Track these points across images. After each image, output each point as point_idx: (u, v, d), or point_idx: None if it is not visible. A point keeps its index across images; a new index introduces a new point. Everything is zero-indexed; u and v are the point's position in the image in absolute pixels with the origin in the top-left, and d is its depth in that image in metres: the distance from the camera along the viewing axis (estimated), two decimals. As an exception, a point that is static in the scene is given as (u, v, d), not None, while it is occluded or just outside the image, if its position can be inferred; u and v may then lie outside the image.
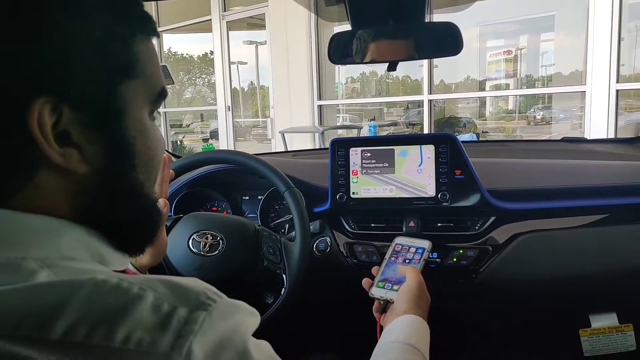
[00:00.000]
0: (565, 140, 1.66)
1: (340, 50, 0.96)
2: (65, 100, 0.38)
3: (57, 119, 0.38)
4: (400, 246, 1.01)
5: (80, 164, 0.40)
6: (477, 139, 5.99)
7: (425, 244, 1.00)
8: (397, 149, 1.17)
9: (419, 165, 1.16)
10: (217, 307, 0.37)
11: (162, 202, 0.79)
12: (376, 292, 0.93)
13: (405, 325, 0.80)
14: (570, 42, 6.29)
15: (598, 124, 4.27)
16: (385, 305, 0.90)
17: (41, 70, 0.37)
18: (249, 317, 0.41)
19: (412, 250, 1.00)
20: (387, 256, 1.00)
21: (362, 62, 0.95)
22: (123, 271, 0.49)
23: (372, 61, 0.96)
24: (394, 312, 0.85)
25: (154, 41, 0.46)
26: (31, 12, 0.36)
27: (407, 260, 0.98)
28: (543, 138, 6.78)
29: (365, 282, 0.96)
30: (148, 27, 0.45)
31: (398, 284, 0.91)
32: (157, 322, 0.34)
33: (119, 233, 0.45)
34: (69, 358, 0.32)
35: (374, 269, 0.98)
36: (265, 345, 0.43)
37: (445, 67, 6.63)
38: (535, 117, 7.71)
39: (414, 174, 1.16)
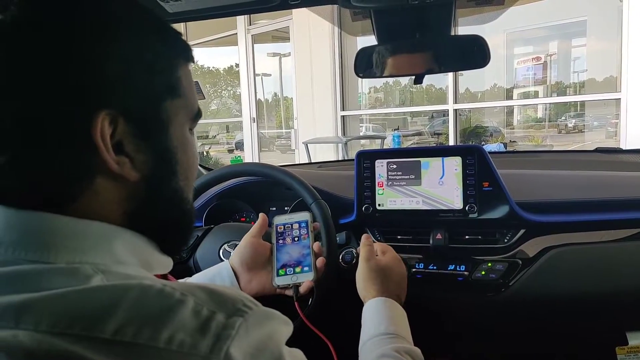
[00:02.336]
0: (599, 150, 1.62)
1: (366, 65, 0.97)
2: (121, 113, 0.42)
3: (114, 130, 0.42)
4: (282, 226, 0.96)
5: (131, 171, 0.44)
6: (504, 149, 5.90)
7: (305, 215, 0.96)
8: (423, 161, 1.17)
9: (440, 178, 1.15)
10: (252, 314, 0.39)
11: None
12: (281, 281, 0.88)
13: (372, 314, 0.80)
14: (604, 47, 6.15)
15: (634, 132, 4.14)
16: (297, 290, 0.87)
17: (104, 86, 0.41)
18: (282, 325, 0.44)
19: (296, 226, 0.96)
20: (273, 241, 0.95)
21: (388, 76, 0.96)
22: (165, 277, 0.52)
23: (398, 75, 0.97)
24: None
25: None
26: (97, 38, 0.41)
27: (296, 238, 0.94)
28: (575, 147, 6.63)
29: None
30: (187, 54, 0.50)
31: (299, 264, 0.89)
32: (197, 326, 0.37)
33: (162, 235, 0.49)
34: (117, 355, 0.34)
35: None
36: (298, 353, 0.45)
37: (471, 76, 6.57)
38: (566, 125, 7.54)
39: (436, 187, 1.16)
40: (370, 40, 1.02)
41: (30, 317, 0.35)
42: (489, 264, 1.09)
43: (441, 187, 1.16)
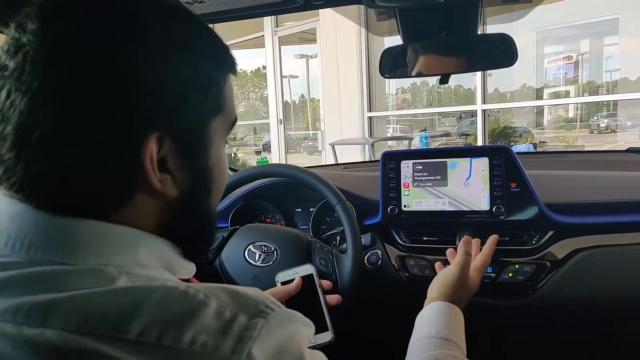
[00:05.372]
0: (631, 150, 1.58)
1: (392, 65, 0.97)
2: (168, 133, 0.42)
3: (159, 149, 0.42)
4: (287, 283, 0.93)
5: (172, 189, 0.44)
6: (534, 149, 5.77)
7: (309, 268, 0.94)
8: (449, 162, 1.16)
9: (467, 179, 1.14)
10: (274, 315, 0.40)
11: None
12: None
13: (435, 315, 0.79)
14: (637, 46, 5.97)
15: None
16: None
17: (159, 109, 0.41)
18: (304, 327, 0.44)
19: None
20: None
21: (413, 76, 0.96)
22: (187, 280, 0.53)
23: (424, 75, 0.96)
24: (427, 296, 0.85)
25: None
26: (157, 62, 0.41)
27: (304, 294, 0.92)
28: (607, 148, 6.45)
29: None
30: (234, 69, 0.50)
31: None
32: (219, 328, 0.37)
33: (188, 244, 0.49)
34: (142, 356, 0.35)
35: None
36: (319, 355, 0.46)
37: (500, 76, 6.47)
38: (598, 125, 7.36)
39: (462, 188, 1.14)
40: (397, 40, 1.02)
41: (57, 317, 0.36)
42: (517, 266, 1.07)
43: (467, 188, 1.14)
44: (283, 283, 0.94)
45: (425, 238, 1.19)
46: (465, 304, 0.85)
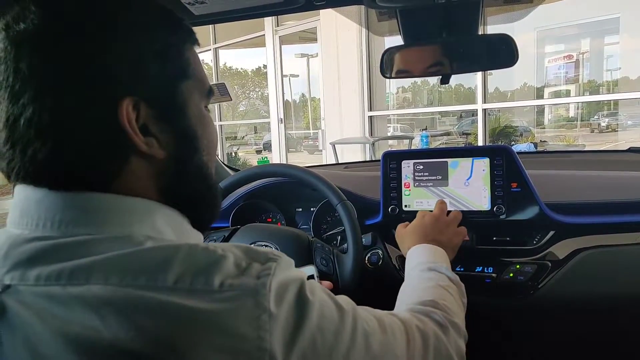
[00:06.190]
0: (632, 150, 1.58)
1: (393, 65, 0.97)
2: (142, 99, 0.47)
3: (138, 115, 0.47)
4: None
5: (159, 150, 0.49)
6: (534, 149, 5.77)
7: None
8: (450, 162, 1.16)
9: (468, 179, 1.14)
10: (281, 260, 0.48)
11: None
12: None
13: (413, 256, 0.94)
14: (638, 45, 5.97)
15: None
16: None
17: (122, 78, 0.47)
18: (300, 271, 0.52)
19: None
20: None
21: (414, 76, 0.96)
22: None
23: (425, 75, 0.96)
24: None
25: (209, 55, 0.54)
26: (110, 38, 0.47)
27: None
28: (608, 147, 6.45)
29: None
30: (192, 37, 0.55)
31: None
32: (240, 272, 0.44)
33: (192, 210, 0.55)
34: (180, 298, 0.41)
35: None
36: (316, 286, 0.51)
37: (500, 75, 6.48)
38: (599, 124, 7.37)
39: (462, 188, 1.14)
40: (398, 39, 1.02)
41: (99, 274, 0.41)
42: (518, 266, 1.07)
43: (468, 188, 1.14)
44: None
45: (426, 238, 1.19)
46: (437, 240, 0.96)
